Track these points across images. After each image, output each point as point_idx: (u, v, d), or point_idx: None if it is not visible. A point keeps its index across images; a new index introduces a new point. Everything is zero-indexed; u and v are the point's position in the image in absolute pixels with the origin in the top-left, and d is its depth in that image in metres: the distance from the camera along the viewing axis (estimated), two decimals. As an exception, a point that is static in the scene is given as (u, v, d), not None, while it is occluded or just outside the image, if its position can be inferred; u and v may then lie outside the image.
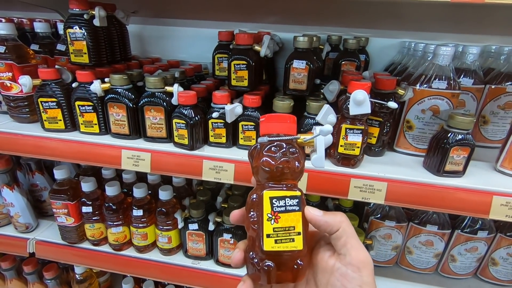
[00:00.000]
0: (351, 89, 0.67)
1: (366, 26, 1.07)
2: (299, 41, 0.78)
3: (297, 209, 0.37)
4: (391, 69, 1.02)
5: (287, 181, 0.38)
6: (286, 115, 0.39)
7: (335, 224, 0.37)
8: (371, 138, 0.78)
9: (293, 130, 0.40)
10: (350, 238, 0.36)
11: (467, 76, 0.84)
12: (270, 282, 0.37)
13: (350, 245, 0.36)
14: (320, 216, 0.37)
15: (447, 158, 0.69)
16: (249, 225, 0.38)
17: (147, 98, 0.78)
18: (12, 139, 0.83)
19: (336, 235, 0.37)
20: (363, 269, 0.35)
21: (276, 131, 0.39)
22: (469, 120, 0.67)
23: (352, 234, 0.37)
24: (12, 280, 1.19)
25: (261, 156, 0.38)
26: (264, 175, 0.38)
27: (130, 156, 0.79)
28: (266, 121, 0.40)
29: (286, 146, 0.38)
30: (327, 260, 0.39)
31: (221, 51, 0.90)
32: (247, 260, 0.39)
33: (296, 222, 0.37)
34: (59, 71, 0.83)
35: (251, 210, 0.38)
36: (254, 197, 0.39)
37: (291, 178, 0.38)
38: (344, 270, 0.36)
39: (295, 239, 0.36)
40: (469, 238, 0.90)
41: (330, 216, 0.37)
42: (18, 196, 1.00)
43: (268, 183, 0.38)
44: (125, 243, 1.00)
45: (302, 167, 0.39)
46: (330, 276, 0.38)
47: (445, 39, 1.01)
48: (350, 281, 0.35)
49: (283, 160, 0.37)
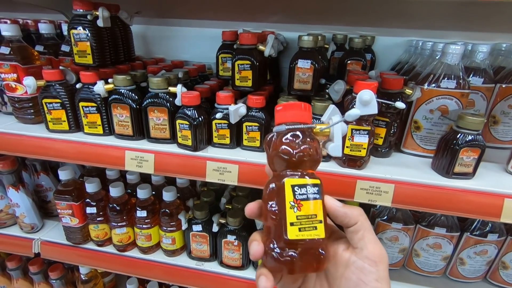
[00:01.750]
0: (357, 89, 0.66)
1: (372, 25, 1.05)
2: (304, 40, 0.77)
3: (318, 197, 0.36)
4: (397, 69, 1.00)
5: (305, 170, 0.38)
6: (302, 103, 0.39)
7: (353, 216, 0.37)
8: (377, 139, 0.77)
9: (309, 118, 0.39)
10: (367, 232, 0.36)
11: (476, 75, 0.81)
12: (293, 272, 0.36)
13: (368, 239, 0.36)
14: (339, 207, 0.37)
15: (457, 159, 0.67)
16: (269, 215, 0.37)
17: (150, 98, 0.78)
18: (17, 140, 0.84)
19: (354, 228, 0.37)
20: (380, 263, 0.35)
21: (293, 119, 0.38)
22: (480, 121, 0.65)
23: (369, 228, 0.37)
24: (18, 280, 1.20)
25: (279, 144, 0.37)
26: (282, 164, 0.37)
27: (133, 157, 0.79)
28: (284, 110, 0.39)
29: (302, 134, 0.38)
30: (341, 254, 0.38)
31: (225, 51, 0.89)
32: (266, 252, 0.38)
33: (318, 210, 0.36)
34: (63, 72, 0.83)
35: (269, 201, 0.38)
36: (273, 186, 0.38)
37: (309, 167, 0.38)
38: (360, 263, 0.36)
39: (318, 227, 0.36)
40: (479, 241, 0.88)
41: (349, 208, 0.37)
42: (23, 197, 1.01)
43: (287, 172, 0.37)
44: (129, 244, 1.00)
45: (320, 156, 0.38)
46: (345, 270, 0.37)
47: (453, 38, 0.98)
48: (367, 274, 0.35)
49: (304, 148, 0.37)
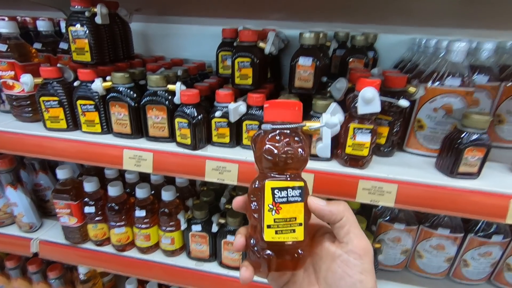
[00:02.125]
0: (360, 86, 0.65)
1: (375, 22, 1.03)
2: (305, 37, 0.75)
3: (299, 200, 0.36)
4: (400, 67, 0.98)
5: (290, 171, 0.37)
6: (291, 102, 0.38)
7: (338, 213, 0.37)
8: (380, 138, 0.75)
9: (299, 117, 0.38)
10: (353, 227, 0.37)
11: (481, 73, 0.80)
12: (270, 270, 0.37)
13: (353, 234, 0.37)
14: (324, 206, 0.37)
15: (461, 159, 0.65)
16: (251, 213, 0.38)
17: (149, 96, 0.76)
18: (15, 139, 0.83)
19: (340, 223, 0.37)
20: (364, 256, 0.36)
21: (281, 118, 0.37)
22: (485, 119, 0.63)
23: (354, 222, 0.38)
24: (17, 279, 1.19)
25: (264, 144, 0.37)
26: (266, 164, 0.37)
27: (132, 156, 0.77)
28: (271, 108, 0.38)
29: (290, 134, 0.37)
30: (328, 248, 0.39)
31: (225, 49, 0.88)
32: (248, 247, 0.38)
33: (298, 213, 0.36)
34: (60, 69, 0.82)
35: (252, 199, 0.38)
36: (256, 185, 0.38)
37: (294, 168, 0.37)
38: (346, 257, 0.37)
39: (296, 230, 0.36)
40: (483, 242, 0.86)
41: (333, 206, 0.37)
42: (21, 196, 1.00)
43: (271, 173, 0.37)
44: (128, 244, 0.99)
45: (307, 156, 0.38)
46: (331, 263, 0.38)
47: (457, 35, 0.97)
48: (352, 267, 0.36)
49: (287, 149, 0.36)
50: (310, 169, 0.71)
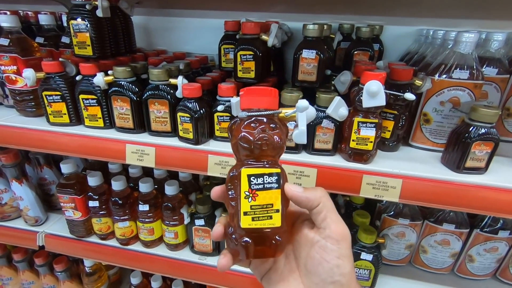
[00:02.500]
0: (365, 79, 0.63)
1: (380, 14, 1.01)
2: (309, 29, 0.74)
3: (276, 187, 0.36)
4: (406, 59, 0.96)
5: (267, 158, 0.37)
6: (267, 88, 0.37)
7: (315, 199, 0.37)
8: (385, 132, 0.74)
9: (275, 104, 0.38)
10: (330, 212, 0.37)
11: (490, 65, 0.77)
12: (249, 257, 0.37)
13: (330, 219, 0.37)
14: (300, 193, 0.37)
15: (468, 153, 0.64)
16: (228, 202, 0.38)
17: (151, 91, 0.76)
18: (18, 133, 0.83)
19: (317, 209, 0.37)
20: (342, 241, 0.36)
21: (257, 105, 0.37)
22: (494, 113, 0.62)
23: (331, 208, 0.37)
24: (24, 272, 1.21)
25: (239, 132, 0.36)
26: (243, 152, 0.37)
27: (134, 150, 0.77)
28: (246, 95, 0.37)
29: (266, 121, 0.37)
30: (306, 234, 0.39)
31: (228, 42, 0.86)
32: (226, 235, 0.39)
33: (275, 200, 0.36)
34: (62, 63, 0.81)
35: (229, 187, 0.38)
36: (233, 173, 0.38)
37: (270, 155, 0.37)
38: (323, 243, 0.37)
39: (273, 216, 0.36)
40: (489, 238, 0.85)
41: (310, 192, 0.37)
42: (27, 190, 1.01)
43: (247, 160, 0.37)
44: (132, 237, 1.00)
45: (283, 143, 0.37)
46: (309, 249, 0.39)
47: (465, 26, 0.94)
48: (329, 253, 0.36)
49: (262, 136, 0.36)
50: (313, 163, 0.70)
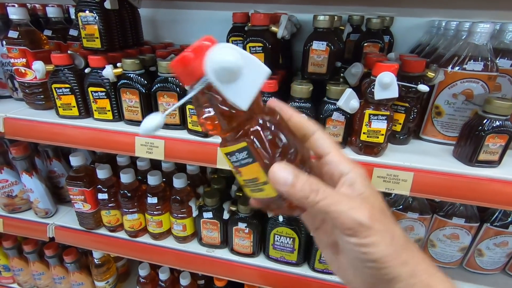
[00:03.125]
0: (377, 71, 0.62)
1: (391, 5, 0.99)
2: (320, 20, 0.73)
3: (251, 161, 0.32)
4: (418, 51, 0.94)
5: (233, 131, 0.32)
6: (179, 56, 0.29)
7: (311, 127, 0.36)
8: (396, 125, 0.73)
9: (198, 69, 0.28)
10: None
11: (504, 57, 0.76)
12: (276, 214, 0.39)
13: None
14: (301, 118, 0.35)
15: (482, 146, 0.63)
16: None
17: (159, 83, 0.76)
18: (28, 126, 0.84)
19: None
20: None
21: (191, 80, 0.30)
22: (509, 105, 0.61)
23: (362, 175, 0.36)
24: (34, 263, 1.23)
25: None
26: (211, 132, 0.33)
27: (143, 143, 0.77)
28: (176, 73, 0.30)
29: (201, 97, 0.30)
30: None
31: (236, 34, 0.86)
32: None
33: (257, 173, 0.32)
34: (71, 56, 0.81)
35: None
36: None
37: (226, 130, 0.32)
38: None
39: (264, 188, 0.33)
40: (499, 232, 0.84)
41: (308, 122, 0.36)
42: (37, 182, 1.02)
43: (224, 138, 0.34)
44: (140, 230, 1.01)
45: (228, 110, 0.30)
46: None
47: (478, 17, 0.92)
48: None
49: (202, 114, 0.31)
50: (324, 156, 0.69)
